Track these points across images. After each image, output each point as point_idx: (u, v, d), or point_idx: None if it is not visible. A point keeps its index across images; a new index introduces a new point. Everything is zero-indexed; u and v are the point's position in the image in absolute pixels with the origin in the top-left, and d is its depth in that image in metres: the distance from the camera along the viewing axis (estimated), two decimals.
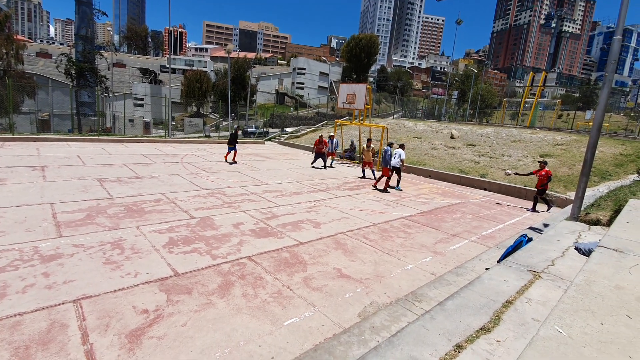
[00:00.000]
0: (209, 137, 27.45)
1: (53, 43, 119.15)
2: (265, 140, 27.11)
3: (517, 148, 16.47)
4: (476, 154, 16.59)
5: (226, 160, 14.60)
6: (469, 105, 47.20)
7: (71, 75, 30.86)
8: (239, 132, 15.51)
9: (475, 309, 3.12)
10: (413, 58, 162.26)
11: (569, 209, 8.27)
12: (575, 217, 7.18)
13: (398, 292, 4.47)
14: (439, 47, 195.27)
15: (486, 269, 4.89)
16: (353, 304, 4.12)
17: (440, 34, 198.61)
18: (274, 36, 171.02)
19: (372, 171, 13.45)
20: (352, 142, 19.51)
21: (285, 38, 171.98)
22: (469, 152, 16.95)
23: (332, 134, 16.40)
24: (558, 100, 37.73)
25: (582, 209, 7.61)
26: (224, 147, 20.69)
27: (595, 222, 6.88)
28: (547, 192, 10.38)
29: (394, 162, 11.69)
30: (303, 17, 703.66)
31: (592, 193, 10.17)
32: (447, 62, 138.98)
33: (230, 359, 3.03)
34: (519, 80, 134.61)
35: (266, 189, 10.01)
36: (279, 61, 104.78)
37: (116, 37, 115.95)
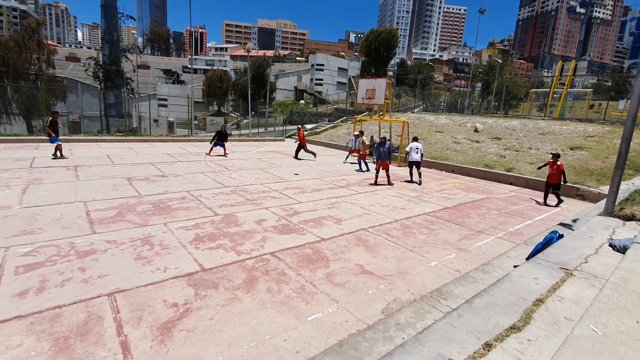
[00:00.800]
0: (230, 135, 27.92)
1: (81, 47, 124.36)
2: (285, 137, 27.29)
3: (545, 141, 15.82)
4: (502, 147, 16.07)
5: (208, 154, 15.25)
6: (493, 97, 45.67)
7: (99, 78, 32.12)
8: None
9: (504, 307, 3.04)
10: (434, 50, 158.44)
11: (602, 204, 7.89)
12: (609, 212, 6.84)
13: (422, 289, 4.41)
14: (460, 38, 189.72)
15: (514, 266, 4.75)
16: (376, 300, 4.11)
17: (462, 24, 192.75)
18: (292, 33, 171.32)
19: (366, 163, 14.01)
20: (372, 137, 19.32)
21: (304, 34, 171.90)
22: (494, 146, 16.43)
23: (356, 133, 16.26)
24: (589, 90, 35.90)
25: (617, 203, 7.24)
26: (246, 145, 21.03)
27: (630, 218, 6.54)
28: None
29: (415, 156, 11.68)
30: (321, 12, 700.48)
31: (626, 187, 9.65)
32: (469, 53, 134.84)
33: (256, 352, 3.09)
34: (547, 70, 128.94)
35: (287, 186, 10.10)
36: (297, 58, 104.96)
37: (140, 40, 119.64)
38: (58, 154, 12.24)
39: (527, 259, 5.08)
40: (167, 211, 7.00)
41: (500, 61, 50.92)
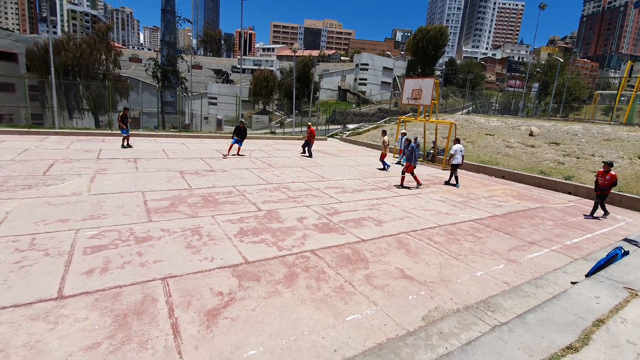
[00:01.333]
0: (274, 133, 28.68)
1: (142, 49, 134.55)
2: (328, 136, 27.43)
3: (610, 148, 14.36)
4: (560, 153, 14.85)
5: (227, 155, 14.13)
6: (552, 99, 42.29)
7: (157, 77, 34.53)
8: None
9: (560, 325, 2.81)
10: (486, 48, 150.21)
11: None
12: None
13: (466, 299, 4.22)
14: (517, 35, 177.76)
15: (572, 282, 4.38)
16: (417, 306, 4.00)
17: (519, 20, 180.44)
18: (337, 33, 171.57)
19: (384, 163, 13.81)
20: (415, 138, 18.79)
21: (349, 34, 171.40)
22: (551, 152, 15.23)
23: (403, 131, 15.98)
24: None
25: None
26: (289, 143, 21.45)
27: None
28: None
29: (458, 160, 11.37)
30: (367, 11, 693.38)
31: None
32: (526, 51, 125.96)
33: (295, 346, 3.16)
34: (613, 70, 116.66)
35: (328, 185, 10.16)
36: (341, 57, 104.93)
37: (194, 41, 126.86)
38: (125, 143, 14.19)
39: (587, 275, 4.67)
40: (215, 204, 7.36)
41: (561, 60, 46.99)
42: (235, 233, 5.80)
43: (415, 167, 10.84)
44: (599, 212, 8.87)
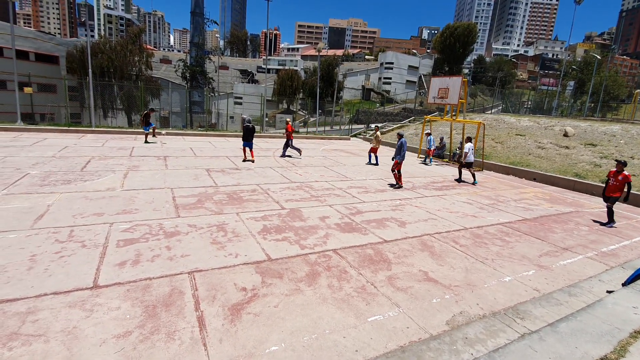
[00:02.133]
0: (297, 132, 28.87)
1: (172, 50, 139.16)
2: (351, 136, 27.32)
3: None
4: (597, 155, 14.05)
5: (245, 159, 12.76)
6: (588, 98, 40.06)
7: (186, 78, 35.69)
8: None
9: (595, 335, 2.67)
10: (518, 45, 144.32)
11: None
12: None
13: (493, 305, 4.09)
14: (550, 31, 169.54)
15: (608, 291, 4.14)
16: (441, 310, 3.92)
17: (554, 16, 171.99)
18: (362, 31, 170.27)
19: (376, 157, 13.72)
20: (441, 139, 18.39)
21: (374, 33, 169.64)
22: (587, 153, 14.44)
23: (428, 131, 15.71)
24: None
25: None
26: (312, 143, 21.54)
27: None
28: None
29: (470, 158, 11.58)
30: (393, 9, 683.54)
31: None
32: (561, 48, 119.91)
33: (316, 344, 3.18)
34: None
35: (351, 185, 10.12)
36: (366, 56, 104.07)
37: (221, 43, 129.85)
38: (148, 138, 15.67)
39: (624, 284, 4.39)
40: (239, 202, 7.52)
41: (598, 57, 44.42)
42: (259, 230, 5.90)
43: (400, 163, 10.20)
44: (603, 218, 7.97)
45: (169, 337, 3.10)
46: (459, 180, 12.00)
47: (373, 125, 15.79)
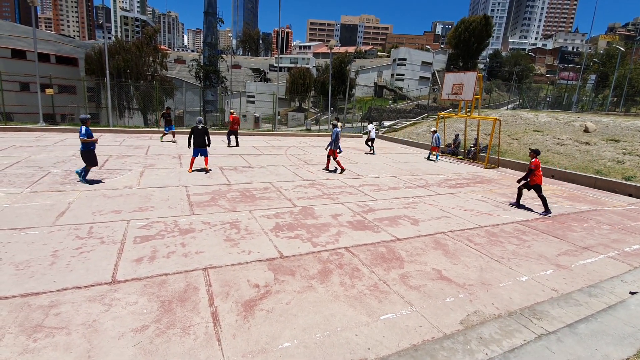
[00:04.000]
0: (309, 130, 28.92)
1: (186, 50, 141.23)
2: (363, 133, 27.16)
3: None
4: (620, 151, 13.56)
5: (192, 170, 10.03)
6: (611, 92, 38.66)
7: (199, 77, 36.12)
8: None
9: (616, 337, 2.59)
10: (536, 38, 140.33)
11: None
12: None
13: (509, 305, 4.00)
14: (571, 23, 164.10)
15: (631, 292, 4.01)
16: (454, 309, 3.87)
17: (574, 7, 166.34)
18: (374, 28, 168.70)
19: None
20: (456, 135, 18.07)
21: (386, 29, 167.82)
22: (609, 149, 13.96)
23: (434, 129, 15.47)
24: None
25: None
26: (324, 140, 21.51)
27: None
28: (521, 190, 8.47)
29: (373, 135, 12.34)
30: (406, 4, 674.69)
31: None
32: (581, 41, 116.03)
33: (328, 341, 3.19)
34: None
35: (363, 183, 10.07)
36: (378, 53, 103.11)
37: (234, 42, 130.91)
38: (165, 138, 16.18)
39: None
40: (252, 199, 7.59)
41: (622, 49, 42.77)
42: (271, 228, 5.94)
43: (337, 151, 11.34)
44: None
45: (184, 332, 3.16)
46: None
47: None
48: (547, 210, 8.09)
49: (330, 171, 11.45)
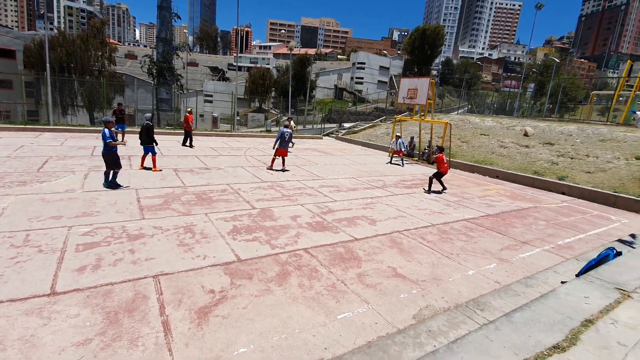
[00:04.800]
0: (270, 131, 28.59)
1: (138, 45, 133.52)
2: (323, 135, 27.42)
3: (606, 148, 14.49)
4: (554, 153, 14.96)
5: (142, 167, 10.03)
6: (547, 99, 42.55)
7: (152, 74, 34.33)
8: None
9: (548, 324, 2.85)
10: (483, 48, 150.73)
11: None
12: None
13: (457, 298, 4.26)
14: (513, 35, 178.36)
15: (562, 282, 4.43)
16: (408, 305, 4.03)
17: (516, 20, 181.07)
18: (334, 31, 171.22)
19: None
20: (412, 138, 18.87)
21: (346, 33, 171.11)
22: (545, 152, 15.34)
23: (398, 134, 15.99)
24: None
25: None
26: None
27: None
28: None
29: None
30: (365, 10, 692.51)
31: None
32: (522, 52, 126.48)
33: (286, 344, 3.17)
34: (612, 70, 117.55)
35: (323, 184, 10.17)
36: (338, 56, 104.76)
37: (190, 38, 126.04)
38: (121, 138, 14.55)
39: (577, 275, 4.72)
40: (209, 202, 7.35)
41: (557, 60, 47.28)
42: (229, 231, 5.80)
43: (283, 151, 11.50)
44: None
45: (132, 344, 2.99)
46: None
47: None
48: (429, 190, 10.42)
49: (277, 170, 11.56)
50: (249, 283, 4.19)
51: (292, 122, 17.70)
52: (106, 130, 7.64)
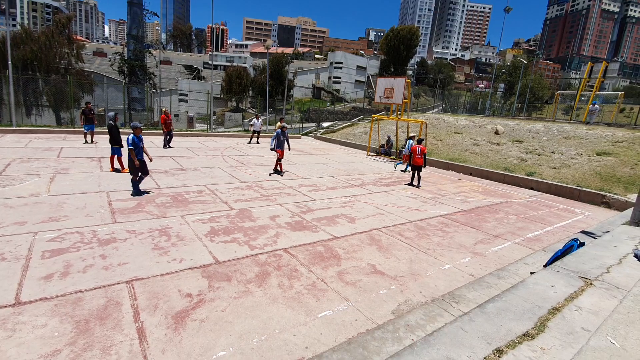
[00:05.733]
0: (247, 131, 28.24)
1: (108, 42, 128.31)
2: (302, 134, 27.38)
3: (570, 145, 15.28)
4: (523, 151, 15.63)
5: (113, 169, 9.71)
6: (516, 99, 44.38)
7: (124, 72, 33.09)
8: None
9: (518, 313, 2.98)
10: (456, 49, 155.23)
11: (628, 212, 7.59)
12: (636, 221, 6.57)
13: (434, 292, 4.37)
14: (484, 37, 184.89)
15: (531, 273, 4.64)
16: (387, 300, 4.10)
17: (487, 23, 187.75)
18: (311, 30, 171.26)
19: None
20: (389, 137, 19.18)
21: (323, 32, 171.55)
22: (514, 149, 16.00)
23: (414, 134, 16.04)
24: (620, 93, 34.36)
25: None
26: (262, 141, 21.22)
27: None
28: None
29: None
30: (341, 10, 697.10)
31: None
32: (493, 53, 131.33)
33: (266, 345, 3.15)
34: (575, 72, 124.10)
35: (302, 183, 10.16)
36: (316, 55, 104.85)
37: (163, 36, 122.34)
38: (90, 139, 14.39)
39: (545, 266, 4.96)
40: (185, 204, 7.17)
41: (525, 62, 49.39)
42: (206, 233, 5.69)
43: (281, 152, 11.20)
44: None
45: (104, 353, 2.87)
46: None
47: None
48: (411, 183, 11.16)
49: (278, 172, 11.37)
50: (228, 285, 4.12)
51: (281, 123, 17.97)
52: (130, 138, 7.27)
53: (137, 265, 4.38)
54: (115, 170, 9.63)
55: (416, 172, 11.09)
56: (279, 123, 18.33)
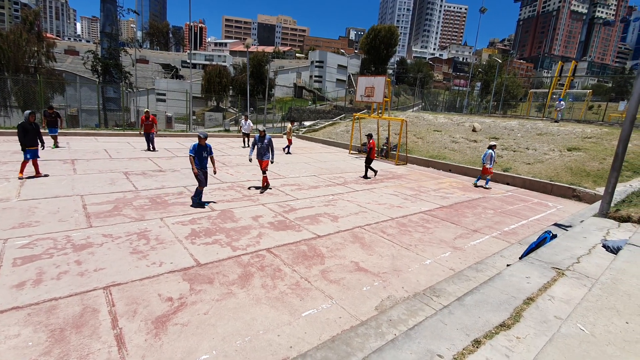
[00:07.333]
0: (228, 131, 27.89)
1: (80, 40, 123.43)
2: (283, 133, 27.26)
3: (543, 141, 15.88)
4: (499, 147, 16.10)
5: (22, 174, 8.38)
6: (492, 97, 45.72)
7: (97, 71, 31.92)
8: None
9: (495, 305, 3.08)
10: (434, 49, 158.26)
11: (597, 205, 7.96)
12: (604, 213, 6.90)
13: (416, 287, 4.46)
14: (461, 37, 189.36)
15: (507, 265, 4.80)
16: (370, 297, 4.15)
17: (463, 23, 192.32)
18: (292, 29, 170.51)
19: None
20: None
21: (304, 31, 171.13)
22: None
23: (493, 142, 15.76)
24: (589, 91, 35.97)
25: (612, 205, 7.30)
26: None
27: (626, 219, 6.60)
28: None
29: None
30: (322, 9, 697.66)
31: (623, 189, 9.72)
32: (469, 53, 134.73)
33: (250, 347, 3.13)
34: (546, 71, 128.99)
35: (284, 183, 10.12)
36: (297, 54, 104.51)
37: (139, 34, 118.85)
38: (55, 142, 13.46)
39: (520, 258, 5.14)
40: (164, 206, 7.02)
41: (499, 61, 50.91)
42: (187, 235, 5.58)
43: (269, 162, 9.14)
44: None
45: None
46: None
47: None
48: (365, 177, 11.96)
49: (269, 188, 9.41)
50: (210, 288, 4.07)
51: (291, 124, 18.48)
52: (191, 145, 7.13)
53: (114, 270, 4.26)
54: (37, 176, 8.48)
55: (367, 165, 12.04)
56: (289, 125, 18.01)
